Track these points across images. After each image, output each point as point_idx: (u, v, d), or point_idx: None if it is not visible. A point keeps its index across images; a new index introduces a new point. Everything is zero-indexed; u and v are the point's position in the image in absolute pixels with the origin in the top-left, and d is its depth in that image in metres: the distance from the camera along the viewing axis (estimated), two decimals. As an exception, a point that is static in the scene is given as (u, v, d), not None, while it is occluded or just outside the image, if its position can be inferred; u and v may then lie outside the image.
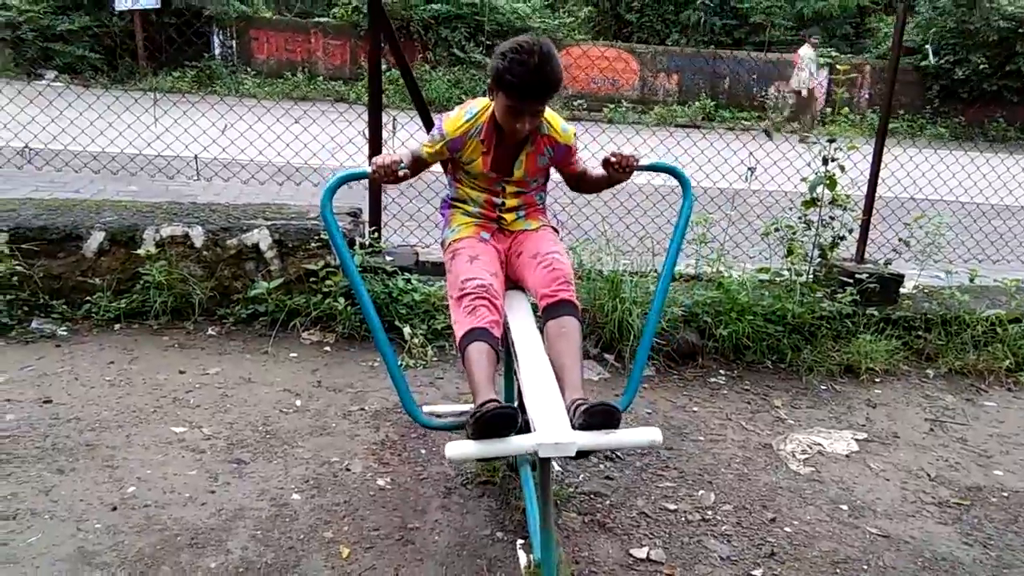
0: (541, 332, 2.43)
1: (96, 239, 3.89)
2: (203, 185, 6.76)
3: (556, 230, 2.74)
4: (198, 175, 5.64)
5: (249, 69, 15.89)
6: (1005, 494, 3.06)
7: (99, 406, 3.13)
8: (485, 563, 2.38)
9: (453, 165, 2.61)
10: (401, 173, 2.31)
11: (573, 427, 2.00)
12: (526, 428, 2.07)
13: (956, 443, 3.45)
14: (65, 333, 3.75)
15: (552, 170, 2.69)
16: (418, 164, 2.52)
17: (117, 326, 3.85)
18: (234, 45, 16.16)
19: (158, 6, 13.66)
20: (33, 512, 2.45)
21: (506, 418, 1.95)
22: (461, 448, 1.94)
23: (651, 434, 2.00)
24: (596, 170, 2.61)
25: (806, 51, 14.44)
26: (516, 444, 1.98)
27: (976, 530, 2.80)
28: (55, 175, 6.59)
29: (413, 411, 2.41)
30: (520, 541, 2.45)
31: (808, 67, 14.29)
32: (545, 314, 2.40)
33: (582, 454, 2.05)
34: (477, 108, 2.49)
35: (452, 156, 2.53)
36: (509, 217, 2.65)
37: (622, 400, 2.48)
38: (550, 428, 1.97)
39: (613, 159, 2.42)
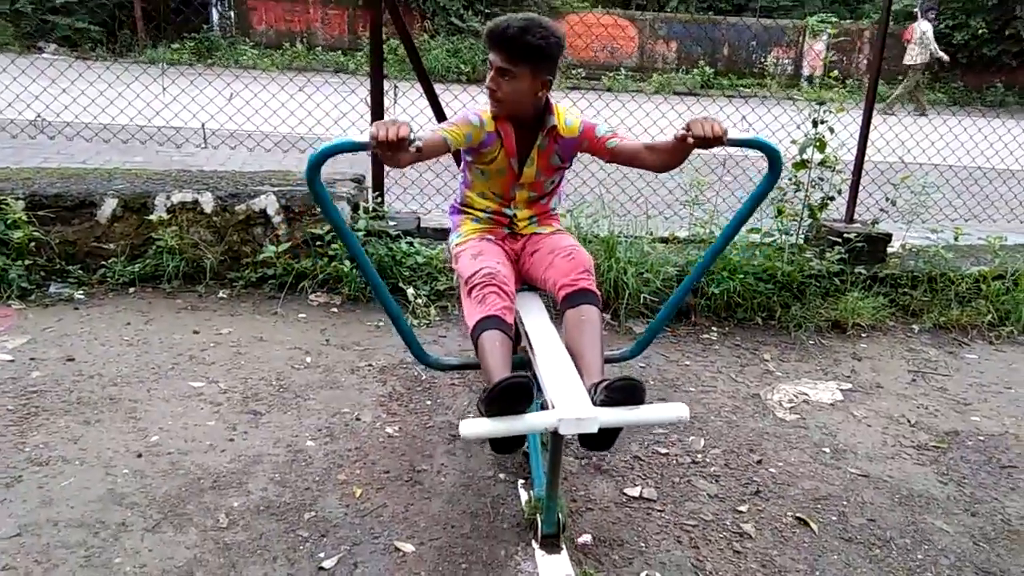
0: (559, 323, 2.41)
1: (109, 205, 4.03)
2: (208, 154, 6.88)
3: (571, 235, 2.76)
4: (205, 143, 5.76)
5: (247, 40, 15.89)
6: (981, 437, 3.22)
7: (119, 363, 3.29)
8: (489, 500, 2.55)
9: (471, 163, 2.58)
10: (412, 148, 1.96)
11: (595, 404, 1.98)
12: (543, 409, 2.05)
13: (937, 392, 3.61)
14: (82, 297, 3.90)
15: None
16: (434, 147, 2.26)
17: (131, 290, 4.00)
18: (232, 16, 16.15)
19: (155, -23, 13.67)
20: (64, 459, 2.61)
21: (520, 388, 1.91)
22: (476, 426, 1.90)
23: (677, 410, 1.99)
24: (660, 142, 2.33)
25: (923, 25, 14.27)
26: (534, 421, 1.94)
27: (952, 470, 2.97)
28: (62, 147, 6.71)
29: (419, 352, 2.51)
30: (521, 481, 2.63)
31: (924, 41, 14.10)
32: (564, 303, 2.38)
33: (607, 439, 2.05)
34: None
35: (481, 151, 2.49)
36: (521, 224, 2.66)
37: (631, 348, 2.62)
38: (570, 404, 1.94)
39: (691, 138, 2.07)
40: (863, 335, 4.17)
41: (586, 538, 2.42)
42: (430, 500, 2.54)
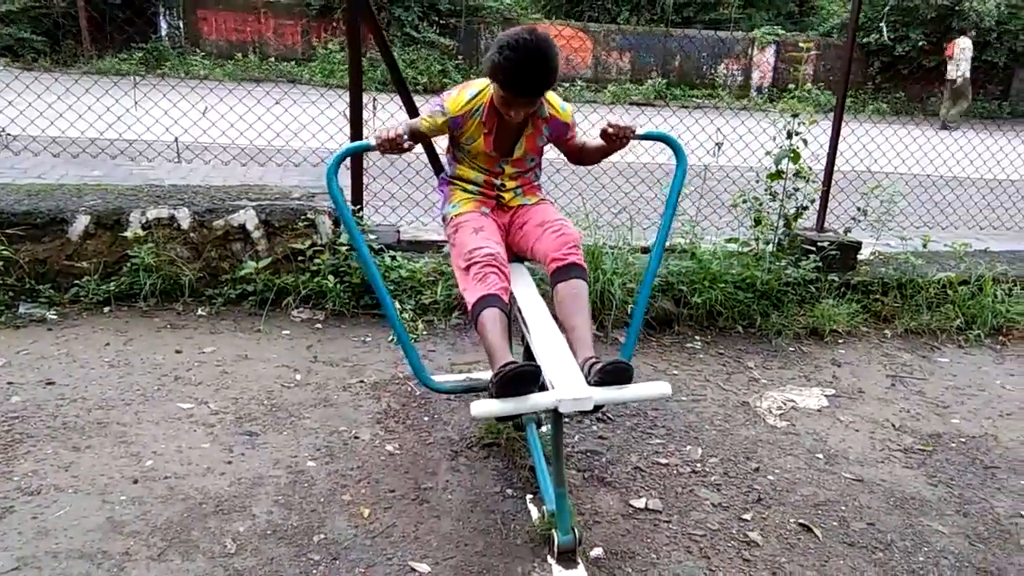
0: (547, 295, 2.56)
1: (81, 222, 3.90)
2: (170, 167, 6.71)
3: (553, 203, 2.88)
4: (179, 157, 5.61)
5: (198, 50, 15.58)
6: (963, 439, 3.32)
7: (102, 386, 3.18)
8: (499, 517, 2.54)
9: (454, 144, 2.71)
10: (406, 145, 2.38)
11: (589, 384, 2.15)
12: (542, 388, 2.21)
13: (915, 396, 3.72)
14: (55, 317, 3.77)
15: (547, 147, 2.82)
16: (416, 137, 2.58)
17: (106, 309, 3.88)
18: (181, 26, 15.83)
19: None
20: (56, 487, 2.52)
21: (528, 376, 2.10)
22: (486, 406, 2.08)
23: (661, 387, 2.18)
24: (593, 141, 2.69)
25: (963, 42, 14.73)
26: (537, 401, 2.12)
27: (939, 472, 3.05)
28: (15, 160, 6.48)
29: (423, 375, 2.55)
30: (529, 496, 2.62)
31: (965, 57, 14.61)
32: (554, 277, 2.53)
33: (596, 407, 2.21)
34: (477, 89, 2.58)
35: (452, 133, 2.63)
36: (507, 196, 2.76)
37: (622, 355, 2.65)
38: (568, 385, 2.13)
39: (611, 129, 2.49)
40: (840, 341, 4.27)
41: (598, 552, 2.42)
42: (439, 518, 2.52)
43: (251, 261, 4.01)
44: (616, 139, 2.52)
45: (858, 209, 4.70)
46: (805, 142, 4.34)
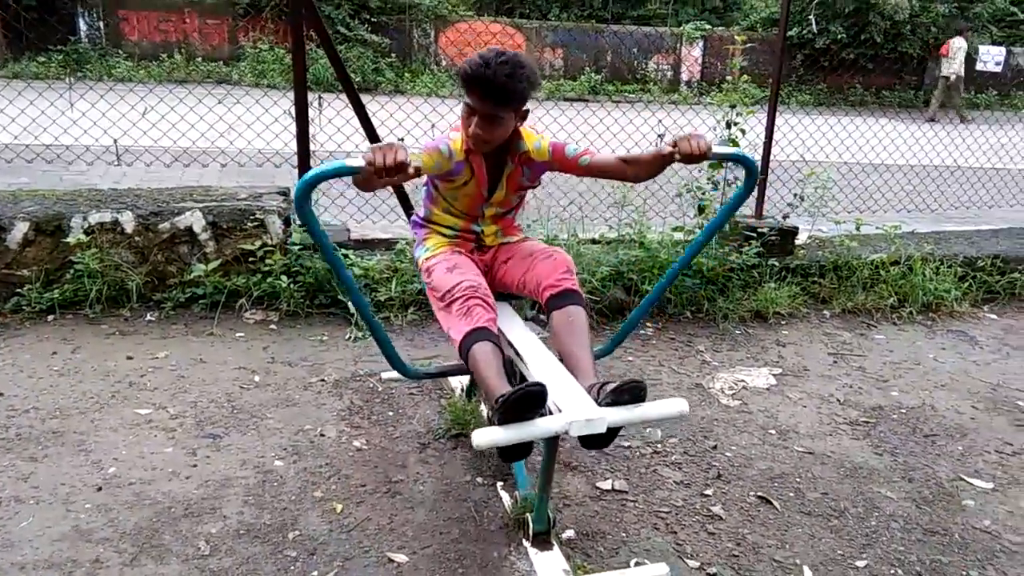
0: (544, 323, 2.46)
1: (20, 229, 3.78)
2: (101, 171, 6.53)
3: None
4: (119, 160, 5.46)
5: (120, 51, 15.11)
6: (903, 411, 3.50)
7: (54, 395, 3.10)
8: (471, 505, 2.58)
9: (438, 185, 2.53)
10: (411, 171, 1.87)
11: (599, 406, 2.04)
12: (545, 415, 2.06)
13: (856, 372, 3.89)
14: (-5, 328, 3.65)
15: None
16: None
17: (51, 317, 3.77)
18: (102, 27, 15.32)
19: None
20: (17, 499, 2.45)
21: (533, 397, 1.94)
22: (489, 435, 1.91)
23: (678, 404, 2.08)
24: (634, 152, 2.42)
25: (959, 42, 15.22)
26: (545, 426, 1.97)
27: (884, 442, 3.21)
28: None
29: (399, 365, 2.51)
30: (500, 483, 2.66)
31: (959, 56, 15.15)
32: (549, 305, 2.38)
33: (607, 437, 2.09)
34: (460, 133, 2.41)
35: (449, 177, 2.45)
36: (488, 239, 2.64)
37: (605, 346, 2.71)
38: (578, 407, 2.02)
39: (678, 156, 2.12)
40: (783, 323, 4.43)
41: (569, 533, 2.49)
42: (413, 509, 2.54)
43: (200, 264, 3.95)
44: (689, 158, 2.12)
45: (795, 196, 4.88)
46: (743, 132, 4.49)
